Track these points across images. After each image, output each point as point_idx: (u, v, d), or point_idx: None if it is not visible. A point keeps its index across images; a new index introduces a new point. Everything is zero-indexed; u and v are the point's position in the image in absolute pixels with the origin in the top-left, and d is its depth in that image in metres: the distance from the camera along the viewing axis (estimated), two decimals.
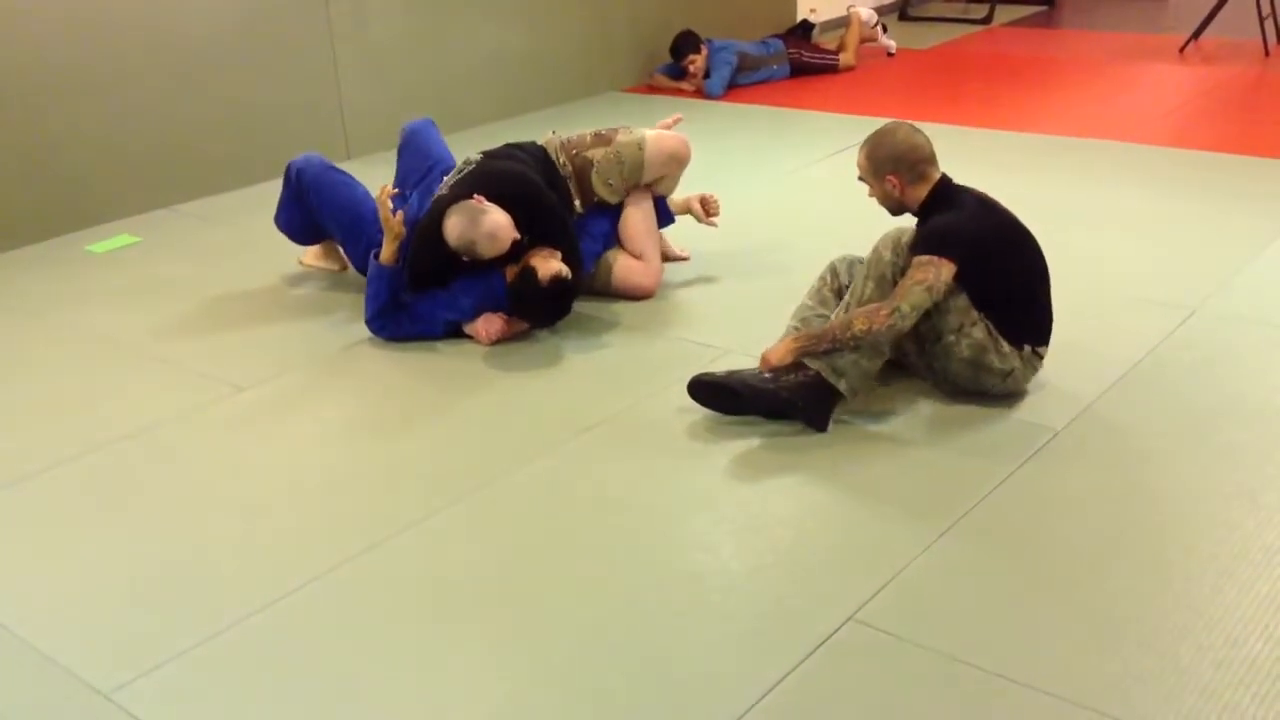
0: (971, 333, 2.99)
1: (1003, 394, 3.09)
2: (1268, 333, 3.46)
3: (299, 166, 3.97)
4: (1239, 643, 2.19)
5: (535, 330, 3.67)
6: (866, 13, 7.51)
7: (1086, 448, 2.89)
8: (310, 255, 4.21)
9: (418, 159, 4.03)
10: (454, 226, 3.47)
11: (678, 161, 3.92)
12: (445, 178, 3.80)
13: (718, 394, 3.04)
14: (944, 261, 2.91)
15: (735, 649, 2.24)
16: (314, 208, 3.93)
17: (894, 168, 3.05)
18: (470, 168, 3.72)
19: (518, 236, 3.50)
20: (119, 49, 4.83)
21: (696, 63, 6.79)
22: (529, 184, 3.65)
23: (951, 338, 3.00)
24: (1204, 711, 2.03)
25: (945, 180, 3.10)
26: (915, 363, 3.17)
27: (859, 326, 2.91)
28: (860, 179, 3.16)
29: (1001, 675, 2.14)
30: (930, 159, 3.08)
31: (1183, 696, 2.06)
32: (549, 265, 3.49)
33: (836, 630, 2.27)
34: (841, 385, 2.96)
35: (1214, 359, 3.31)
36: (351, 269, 4.11)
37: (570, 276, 3.52)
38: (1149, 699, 2.06)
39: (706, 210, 4.04)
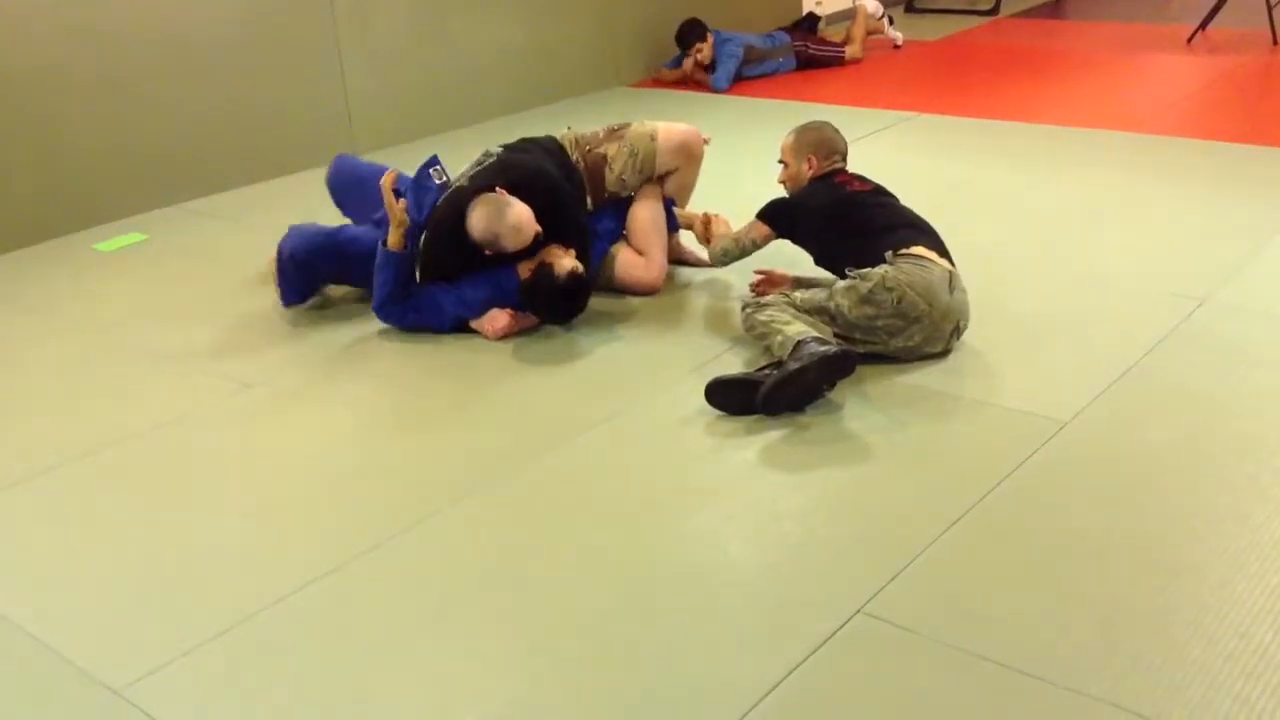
0: (836, 288, 3.25)
1: (918, 305, 3.17)
2: (1275, 324, 3.45)
3: (301, 254, 3.75)
4: (1248, 635, 2.18)
5: (541, 327, 3.67)
6: (872, 4, 7.49)
7: (1094, 440, 2.89)
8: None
9: (358, 189, 4.00)
10: (479, 219, 3.48)
11: (687, 151, 3.91)
12: (461, 170, 3.81)
13: (736, 390, 3.05)
14: (758, 224, 3.59)
15: (744, 643, 2.25)
16: (333, 275, 3.87)
17: (813, 151, 3.63)
18: (490, 160, 3.73)
19: (539, 229, 3.51)
20: (125, 48, 4.84)
21: (703, 51, 6.78)
22: (549, 178, 3.68)
23: (833, 305, 3.22)
24: (1214, 703, 2.02)
25: (836, 172, 3.62)
26: (876, 349, 3.24)
27: (709, 244, 3.78)
28: (780, 160, 3.70)
29: (1010, 667, 2.14)
30: (838, 153, 3.67)
31: (1192, 688, 2.06)
32: (565, 263, 3.51)
33: (845, 623, 2.27)
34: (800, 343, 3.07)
35: (1222, 350, 3.31)
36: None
37: (585, 274, 3.54)
38: (1158, 691, 2.06)
39: (707, 231, 4.00)
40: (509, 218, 3.46)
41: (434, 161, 3.91)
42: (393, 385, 3.40)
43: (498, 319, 3.60)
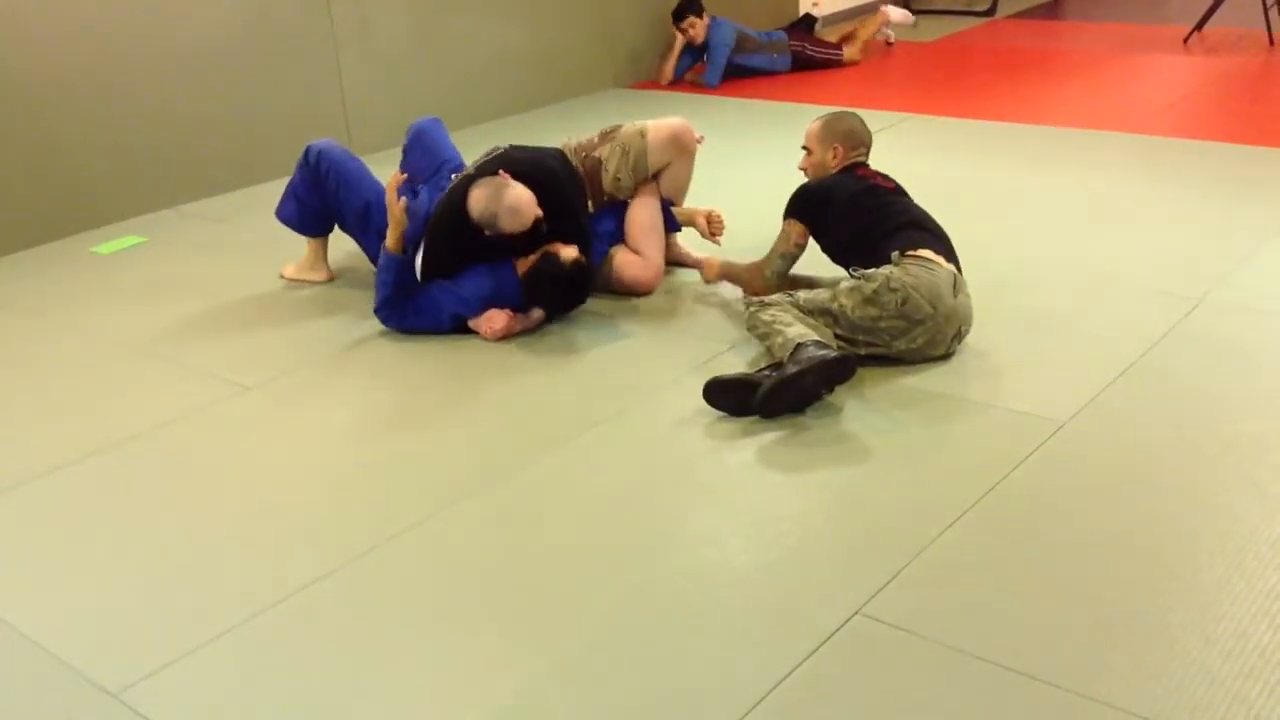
0: (839, 288, 3.25)
1: (922, 308, 3.18)
2: (1273, 323, 3.45)
3: (320, 149, 3.96)
4: (1246, 634, 2.18)
5: (541, 327, 3.68)
6: (899, 14, 7.44)
7: (1092, 440, 2.89)
8: (292, 268, 4.18)
9: (427, 157, 4.04)
10: (478, 199, 3.53)
11: (679, 144, 3.91)
12: (463, 169, 3.84)
13: (734, 391, 3.04)
14: (792, 222, 3.56)
15: (743, 644, 2.25)
16: (331, 193, 3.93)
17: (842, 140, 3.64)
18: (497, 152, 3.78)
19: (539, 214, 3.54)
20: (123, 50, 4.84)
21: (697, 26, 6.79)
22: (550, 168, 3.73)
23: (836, 306, 3.21)
24: (1211, 702, 2.02)
25: (858, 165, 3.63)
26: (879, 350, 3.24)
27: (750, 287, 3.65)
28: (804, 146, 3.70)
29: (1008, 668, 2.14)
30: (864, 146, 3.68)
31: (1190, 688, 2.06)
32: (567, 253, 3.56)
33: (844, 624, 2.27)
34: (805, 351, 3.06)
35: (1219, 350, 3.31)
36: (346, 273, 4.10)
37: (587, 264, 3.59)
38: (1156, 691, 2.06)
39: (710, 227, 4.01)
40: (507, 198, 3.50)
41: (459, 166, 3.94)
42: (391, 386, 3.40)
43: (496, 319, 3.60)
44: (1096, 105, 6.05)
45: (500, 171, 3.60)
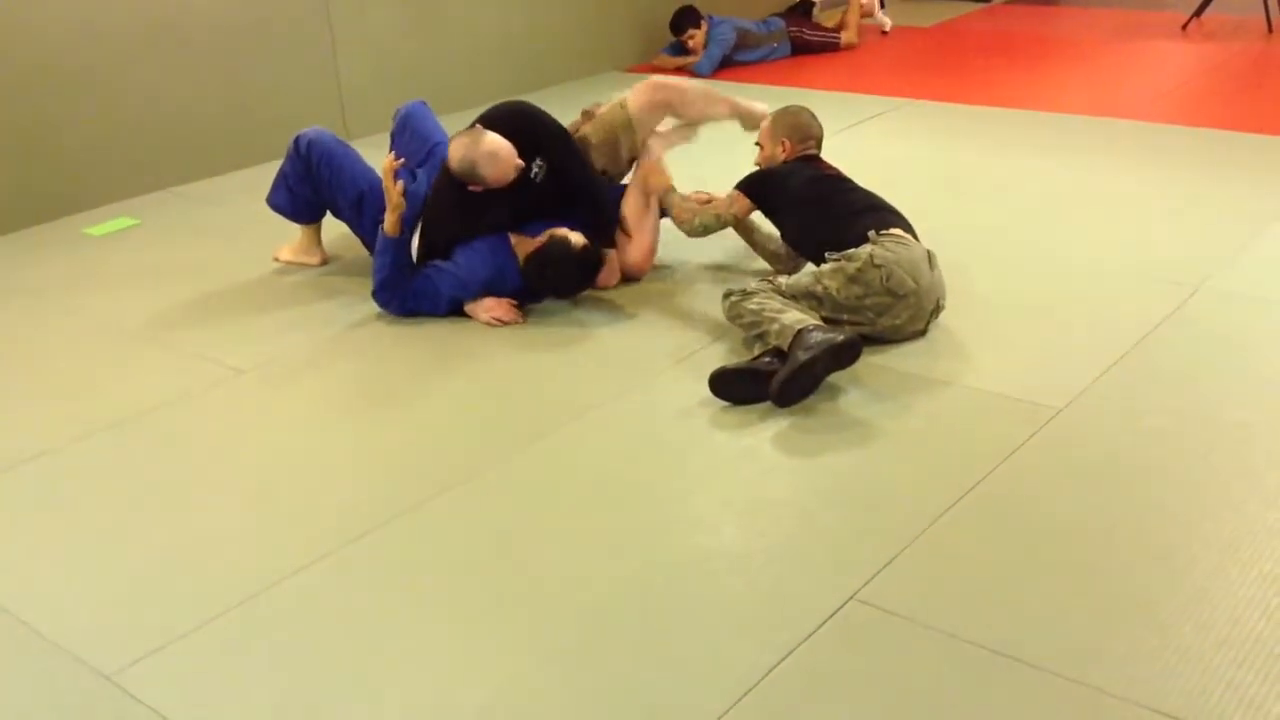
0: (822, 270, 3.26)
1: (905, 283, 3.20)
2: (1270, 311, 3.45)
3: (310, 139, 3.95)
4: (1241, 621, 2.19)
5: (535, 310, 3.66)
6: None
7: (1088, 426, 2.89)
8: (287, 251, 4.18)
9: (416, 141, 4.03)
10: (455, 149, 3.58)
11: (660, 98, 3.90)
12: None
13: (741, 381, 3.03)
14: (738, 196, 3.63)
15: (737, 629, 2.25)
16: (324, 182, 3.92)
17: (788, 135, 3.70)
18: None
19: (520, 164, 3.58)
20: (117, 31, 4.81)
21: (696, 38, 6.81)
22: (528, 110, 3.76)
23: (820, 288, 3.22)
24: (1206, 689, 2.03)
25: (810, 156, 3.68)
26: (863, 329, 3.22)
27: (678, 218, 3.75)
28: (756, 142, 3.79)
29: (1003, 653, 2.14)
30: (813, 139, 3.72)
31: (1185, 675, 2.06)
32: (576, 236, 3.58)
33: (839, 609, 2.27)
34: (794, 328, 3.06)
35: (1216, 337, 3.31)
36: (339, 257, 4.09)
37: (594, 250, 3.61)
38: (1151, 677, 2.06)
39: (647, 184, 3.90)
40: (484, 144, 3.54)
41: None
42: (384, 371, 3.39)
43: (495, 308, 3.60)
44: (1093, 91, 6.04)
45: (475, 125, 3.63)
